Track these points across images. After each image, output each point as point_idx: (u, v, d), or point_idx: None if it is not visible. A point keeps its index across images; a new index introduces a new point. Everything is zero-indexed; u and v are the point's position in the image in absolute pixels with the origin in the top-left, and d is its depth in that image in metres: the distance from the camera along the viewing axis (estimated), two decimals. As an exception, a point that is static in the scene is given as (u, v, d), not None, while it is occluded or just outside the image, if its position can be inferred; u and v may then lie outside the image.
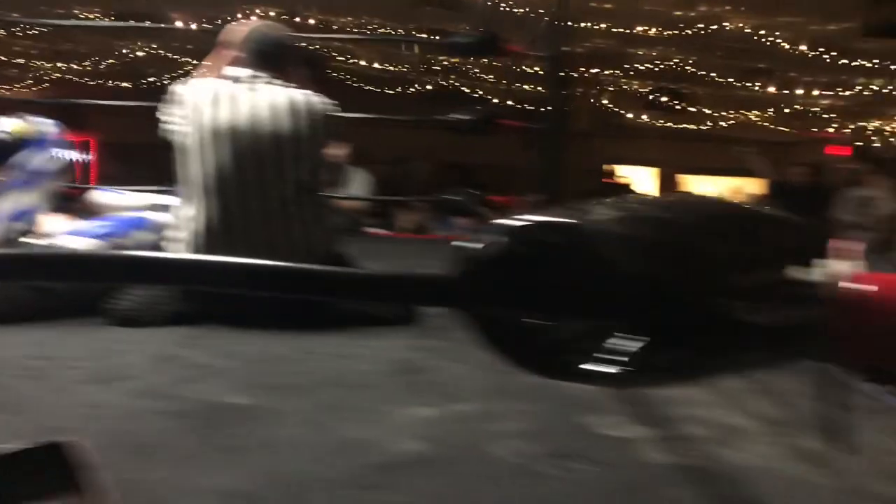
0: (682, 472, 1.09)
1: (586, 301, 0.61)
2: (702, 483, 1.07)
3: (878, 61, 6.79)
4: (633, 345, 0.59)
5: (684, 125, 10.57)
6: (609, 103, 10.10)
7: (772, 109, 9.30)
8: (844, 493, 1.05)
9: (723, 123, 10.36)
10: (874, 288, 0.62)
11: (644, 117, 10.39)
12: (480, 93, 9.40)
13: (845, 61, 6.77)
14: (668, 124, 10.63)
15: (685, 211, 0.67)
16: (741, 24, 6.27)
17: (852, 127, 9.88)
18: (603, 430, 1.25)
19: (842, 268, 0.65)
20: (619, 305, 0.60)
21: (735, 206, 0.73)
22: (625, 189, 10.18)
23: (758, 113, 9.80)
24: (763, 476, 1.09)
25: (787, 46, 6.55)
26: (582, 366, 0.61)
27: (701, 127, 10.76)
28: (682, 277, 0.60)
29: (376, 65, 8.47)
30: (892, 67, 6.91)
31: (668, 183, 12.64)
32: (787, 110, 9.14)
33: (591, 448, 1.17)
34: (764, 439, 1.26)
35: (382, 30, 7.35)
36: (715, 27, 6.38)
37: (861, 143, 10.24)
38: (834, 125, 9.96)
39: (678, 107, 9.58)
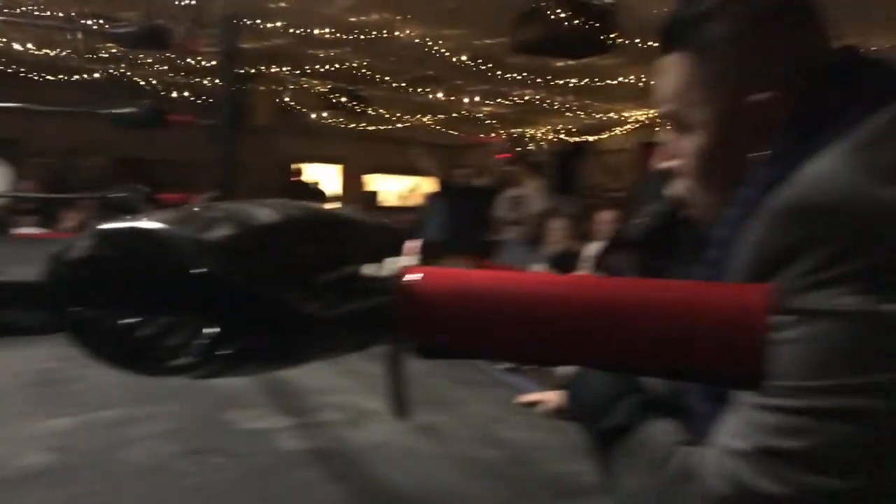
0: (313, 456, 1.18)
1: (170, 300, 0.66)
2: (329, 463, 1.16)
3: (526, 74, 7.64)
4: (212, 339, 0.65)
5: (365, 126, 11.01)
6: (292, 102, 10.18)
7: (442, 114, 10.04)
8: (450, 459, 1.21)
9: (400, 125, 10.96)
10: (419, 277, 0.73)
11: (326, 116, 10.63)
12: (156, 85, 8.97)
13: (500, 73, 7.53)
14: (352, 125, 11.01)
15: (267, 214, 0.74)
16: (410, 33, 6.67)
17: (510, 132, 10.99)
18: (242, 425, 1.31)
19: (405, 262, 0.76)
20: (199, 303, 0.66)
21: (319, 210, 0.82)
22: (311, 186, 10.36)
23: (431, 117, 10.51)
24: (382, 450, 1.22)
25: (452, 57, 7.11)
26: (168, 360, 0.66)
27: (380, 128, 11.27)
28: (260, 276, 0.67)
29: (32, 47, 7.69)
30: (538, 80, 7.82)
31: (352, 181, 13.08)
32: (454, 115, 9.92)
33: (229, 442, 1.22)
34: (387, 418, 1.39)
35: (39, 11, 6.69)
36: (387, 34, 6.72)
37: (518, 148, 11.42)
38: (498, 131, 11.00)
39: (357, 108, 9.93)
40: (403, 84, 8.53)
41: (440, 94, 8.73)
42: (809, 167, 0.72)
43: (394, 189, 13.62)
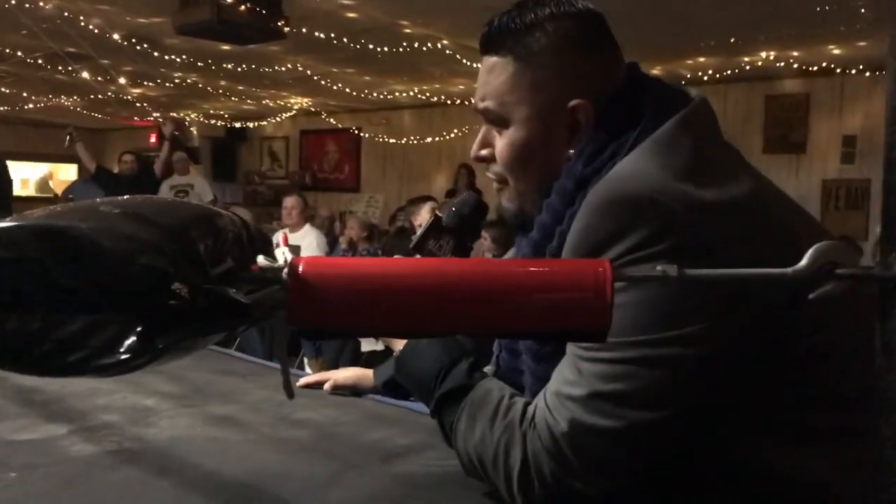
0: (120, 456, 1.13)
1: (80, 299, 0.64)
2: (143, 460, 1.12)
3: (185, 57, 7.34)
4: (130, 334, 0.65)
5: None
6: None
7: (89, 96, 9.22)
8: (259, 443, 1.23)
9: (32, 106, 9.85)
10: (306, 266, 0.78)
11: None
12: None
13: (157, 53, 7.14)
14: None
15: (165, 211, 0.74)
16: (46, 5, 6.03)
17: (171, 116, 10.46)
18: (12, 436, 1.20)
19: (288, 254, 0.81)
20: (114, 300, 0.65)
21: (205, 209, 0.83)
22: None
23: (75, 99, 9.59)
24: (189, 443, 1.21)
25: (102, 34, 6.58)
26: (94, 360, 0.64)
27: (12, 109, 10.02)
28: (174, 269, 0.68)
29: None
30: (199, 64, 7.56)
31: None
32: (102, 97, 9.17)
33: (13, 455, 1.12)
34: (178, 412, 1.37)
35: None
36: (16, 3, 5.97)
37: (176, 133, 10.90)
38: (154, 115, 10.39)
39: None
40: (40, 62, 7.68)
41: (86, 74, 8.00)
42: (621, 166, 0.90)
43: (28, 177, 12.22)
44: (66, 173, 12.75)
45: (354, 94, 8.89)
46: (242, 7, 5.58)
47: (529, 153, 1.02)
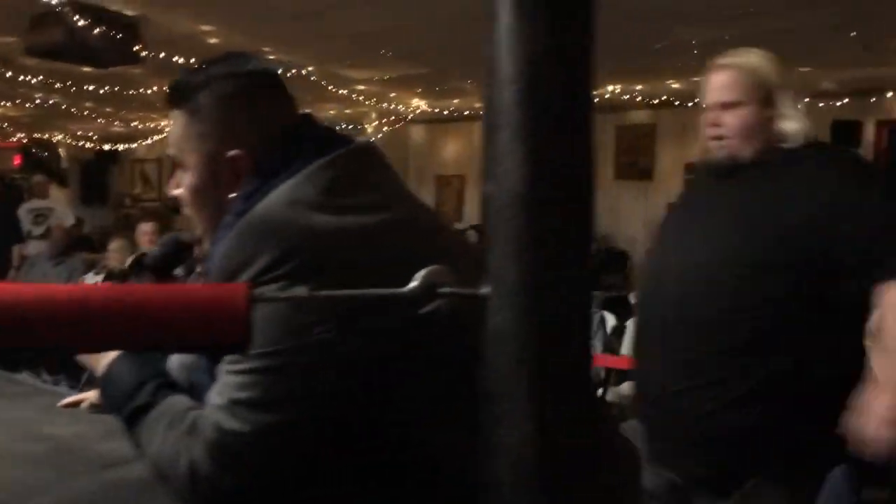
0: None
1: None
2: None
3: (43, 77, 7.20)
4: None
5: None
6: None
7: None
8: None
9: None
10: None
11: None
12: None
13: (11, 74, 6.98)
14: None
15: None
16: None
17: (30, 137, 10.13)
18: None
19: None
20: None
21: None
22: None
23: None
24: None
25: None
26: None
27: None
28: None
29: None
30: (58, 85, 7.42)
31: None
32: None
33: None
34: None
35: None
36: None
37: (40, 154, 10.57)
38: (13, 135, 10.04)
39: None
40: None
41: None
42: (262, 202, 1.04)
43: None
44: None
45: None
46: (96, 30, 5.54)
47: (202, 196, 1.16)
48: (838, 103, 6.62)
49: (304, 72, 6.97)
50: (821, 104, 6.68)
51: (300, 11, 5.31)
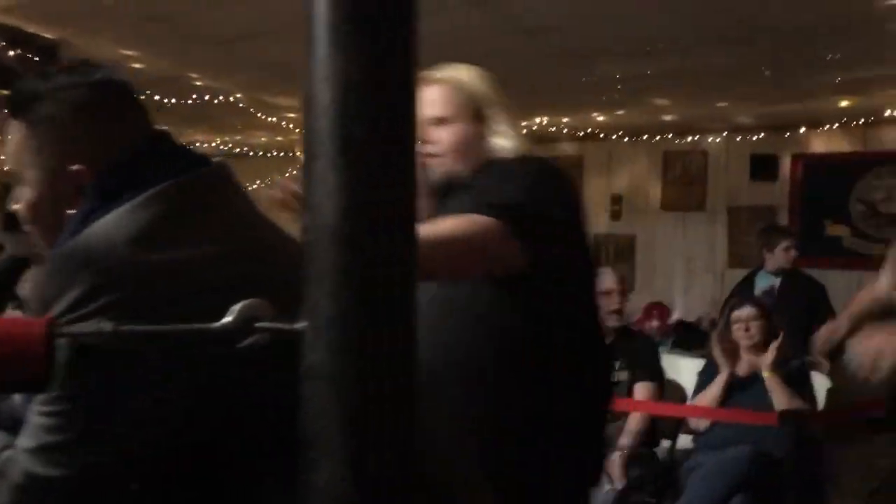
0: None
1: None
2: None
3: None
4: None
5: None
6: None
7: None
8: None
9: None
10: None
11: None
12: None
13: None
14: None
15: None
16: None
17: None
18: None
19: None
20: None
21: None
22: None
23: None
24: None
25: None
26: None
27: None
28: None
29: None
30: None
31: None
32: None
33: None
34: None
35: None
36: None
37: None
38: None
39: None
40: None
41: None
42: (91, 225, 0.95)
43: None
44: None
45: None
46: (11, 52, 5.38)
47: (40, 212, 1.08)
48: (755, 137, 6.84)
49: (231, 98, 6.88)
50: (738, 138, 6.90)
51: (223, 37, 5.25)
